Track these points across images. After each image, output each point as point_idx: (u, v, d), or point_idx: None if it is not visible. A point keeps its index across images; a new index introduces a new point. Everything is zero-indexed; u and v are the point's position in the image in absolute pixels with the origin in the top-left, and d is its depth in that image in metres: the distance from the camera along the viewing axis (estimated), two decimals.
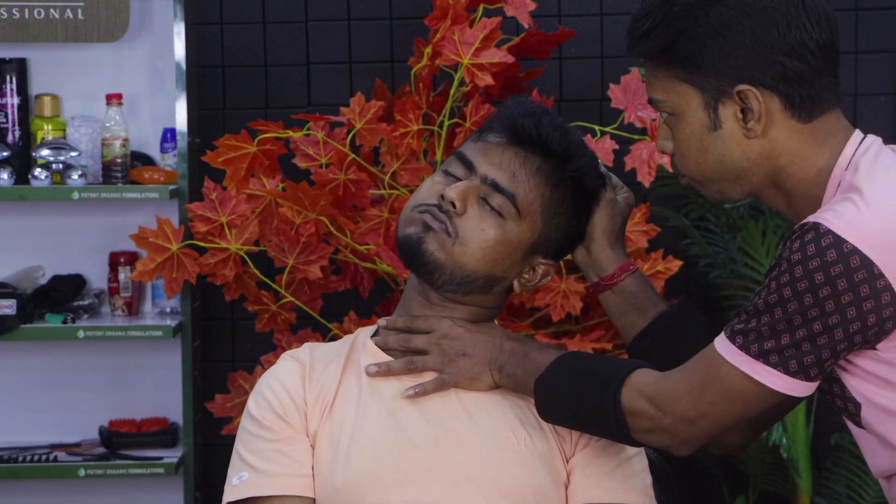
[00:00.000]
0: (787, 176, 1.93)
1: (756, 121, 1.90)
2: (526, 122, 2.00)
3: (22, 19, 3.84)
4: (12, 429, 3.99)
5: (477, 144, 2.03)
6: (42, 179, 3.75)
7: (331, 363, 2.03)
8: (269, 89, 4.00)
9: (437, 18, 3.31)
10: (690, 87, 1.91)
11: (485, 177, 1.99)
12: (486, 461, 1.94)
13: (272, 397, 2.00)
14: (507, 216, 1.98)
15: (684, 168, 1.97)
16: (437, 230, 1.97)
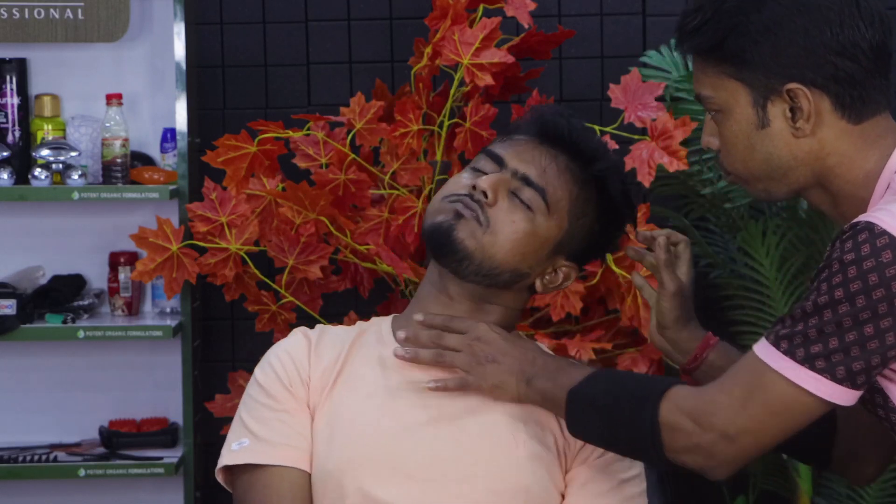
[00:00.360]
0: (834, 177, 1.90)
1: (805, 120, 1.88)
2: (557, 120, 2.04)
3: (22, 19, 3.84)
4: (12, 429, 3.99)
5: (505, 142, 2.06)
6: (42, 179, 3.75)
7: (337, 344, 2.04)
8: (269, 89, 4.00)
9: (437, 18, 3.31)
10: (739, 84, 1.89)
11: (515, 171, 2.01)
12: (483, 461, 1.94)
13: (279, 367, 2.01)
14: (537, 210, 2.00)
15: (730, 166, 1.95)
16: (469, 217, 1.97)
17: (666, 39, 3.80)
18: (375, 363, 2.01)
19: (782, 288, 3.61)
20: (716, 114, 1.93)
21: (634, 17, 3.96)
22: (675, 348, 2.12)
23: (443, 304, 2.03)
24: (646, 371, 3.40)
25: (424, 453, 1.94)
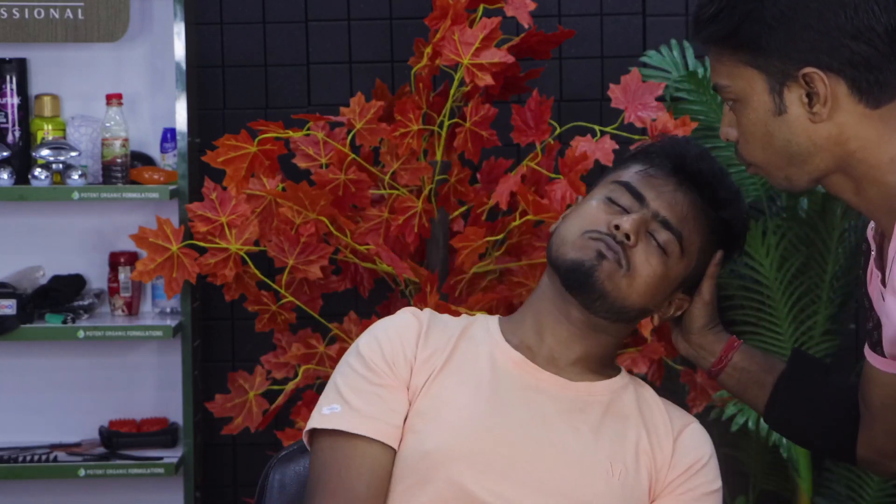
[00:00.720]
0: (857, 162, 1.88)
1: (822, 104, 1.86)
2: (700, 165, 2.04)
3: (22, 19, 3.84)
4: (12, 429, 3.99)
5: (643, 177, 2.03)
6: (42, 179, 3.75)
7: (447, 331, 2.04)
8: (269, 89, 4.00)
9: (437, 18, 3.31)
10: (755, 71, 1.88)
11: (656, 213, 1.99)
12: (577, 482, 1.94)
13: (386, 342, 2.00)
14: (671, 254, 2.00)
15: (749, 155, 1.94)
16: (611, 259, 1.96)
17: (666, 39, 3.80)
18: (486, 359, 2.01)
19: (782, 288, 3.61)
20: (733, 103, 1.92)
21: (634, 17, 3.96)
22: (699, 352, 2.14)
23: (560, 323, 2.03)
24: (645, 371, 3.40)
25: (522, 458, 1.94)
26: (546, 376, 2.01)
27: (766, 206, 3.66)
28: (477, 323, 2.08)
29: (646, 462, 2.00)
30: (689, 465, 2.01)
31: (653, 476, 2.00)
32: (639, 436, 2.01)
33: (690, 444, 2.03)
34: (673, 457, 2.01)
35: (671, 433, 2.03)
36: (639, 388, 2.08)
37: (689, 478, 2.01)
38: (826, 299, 3.67)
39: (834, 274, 3.67)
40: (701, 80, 3.64)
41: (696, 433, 2.05)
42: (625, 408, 2.03)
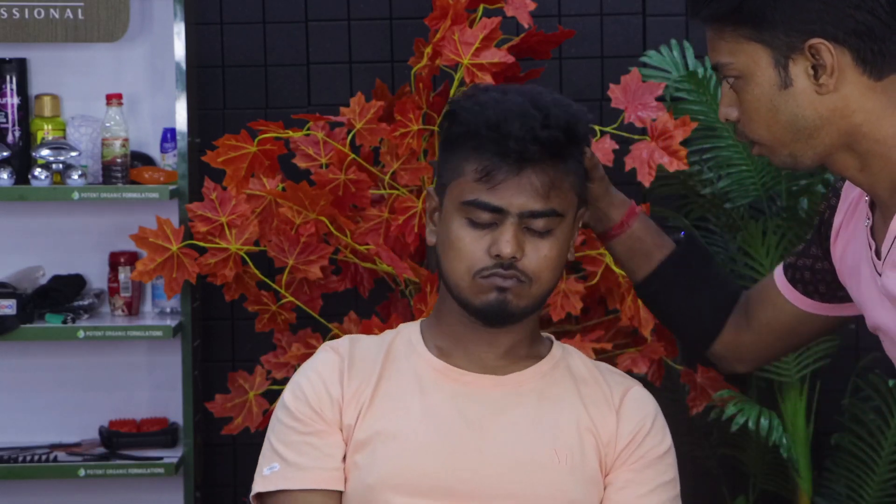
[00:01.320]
0: (862, 136, 1.88)
1: (829, 75, 1.86)
2: (522, 144, 1.94)
3: (22, 19, 3.84)
4: (12, 429, 3.99)
5: (486, 182, 1.95)
6: (42, 179, 3.75)
7: (371, 357, 2.03)
8: (269, 89, 4.00)
9: (438, 18, 3.31)
10: (759, 45, 1.87)
11: (521, 213, 1.96)
12: (525, 480, 1.93)
13: (308, 389, 2.01)
14: (555, 228, 1.98)
15: (753, 133, 1.92)
16: (512, 284, 1.95)
17: (666, 39, 3.80)
18: (412, 377, 2.01)
19: None
20: (735, 80, 1.90)
21: (634, 17, 3.96)
22: (602, 218, 2.19)
23: (477, 332, 2.01)
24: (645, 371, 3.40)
25: (465, 472, 1.94)
26: (473, 378, 2.00)
27: (766, 206, 3.65)
28: (400, 336, 2.07)
29: (590, 440, 1.99)
30: (635, 433, 2.00)
31: (601, 452, 1.99)
32: (578, 415, 2.00)
33: (633, 412, 2.02)
34: (618, 428, 2.00)
35: (612, 405, 2.02)
36: (570, 360, 2.06)
37: (637, 446, 2.00)
38: None
39: None
40: (701, 80, 3.64)
41: (636, 399, 2.04)
42: (559, 389, 2.02)
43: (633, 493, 1.98)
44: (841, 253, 2.07)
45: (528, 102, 1.96)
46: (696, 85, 3.63)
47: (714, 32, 1.91)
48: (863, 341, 3.95)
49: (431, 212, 2.03)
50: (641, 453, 1.99)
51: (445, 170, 2.01)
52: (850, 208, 2.07)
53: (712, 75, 3.68)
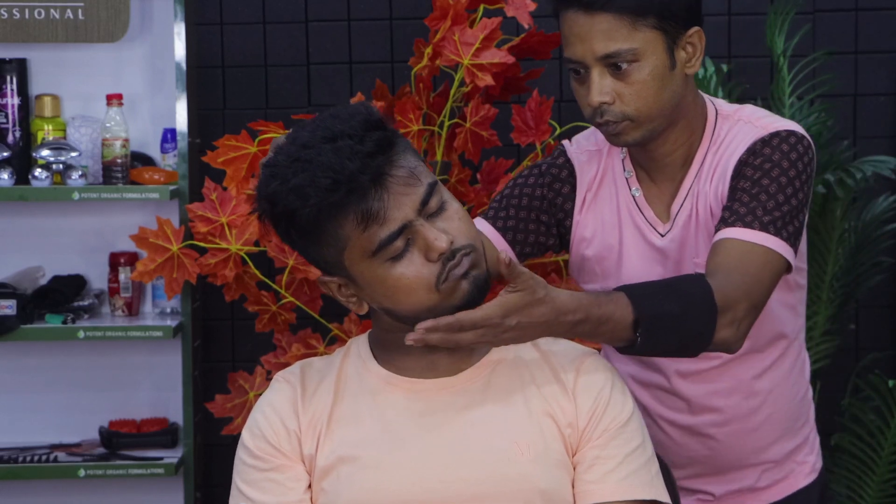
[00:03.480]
0: (684, 111, 2.25)
1: (698, 59, 2.22)
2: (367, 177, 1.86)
3: (22, 19, 3.84)
4: (12, 429, 3.99)
5: (377, 226, 1.88)
6: (42, 179, 3.75)
7: (324, 381, 2.01)
8: (270, 89, 4.00)
9: (438, 19, 3.31)
10: (659, 32, 2.17)
11: (417, 211, 1.89)
12: (492, 475, 1.92)
13: (265, 425, 2.00)
14: (439, 193, 1.93)
15: (636, 109, 2.18)
16: (469, 263, 1.90)
17: None
18: (366, 394, 1.99)
19: None
20: (628, 65, 2.16)
21: None
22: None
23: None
24: None
25: (430, 482, 1.92)
26: (425, 385, 1.98)
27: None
28: (349, 353, 2.05)
29: (550, 425, 1.96)
30: (594, 408, 1.97)
31: (563, 434, 1.96)
32: (534, 401, 1.97)
33: (588, 386, 1.98)
34: (576, 407, 1.97)
35: (565, 384, 1.98)
36: (518, 345, 2.02)
37: (598, 420, 1.97)
38: (826, 299, 3.67)
39: (834, 274, 3.68)
40: (701, 80, 3.64)
41: (589, 372, 2.00)
42: (511, 378, 1.99)
43: (602, 469, 1.95)
44: (590, 221, 2.36)
45: (323, 144, 1.87)
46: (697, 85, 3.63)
47: (612, 22, 2.15)
48: (863, 342, 3.96)
49: (337, 290, 1.99)
50: (604, 426, 1.96)
51: (323, 255, 1.94)
52: (593, 185, 2.37)
53: (712, 75, 3.68)
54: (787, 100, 3.73)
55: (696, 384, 2.35)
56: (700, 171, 2.28)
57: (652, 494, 1.96)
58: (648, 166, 2.32)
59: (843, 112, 3.91)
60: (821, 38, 3.92)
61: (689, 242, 2.27)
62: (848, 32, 3.94)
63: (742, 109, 2.31)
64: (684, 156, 2.29)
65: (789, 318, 2.35)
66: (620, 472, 1.95)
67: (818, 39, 3.91)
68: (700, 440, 2.38)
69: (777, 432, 2.38)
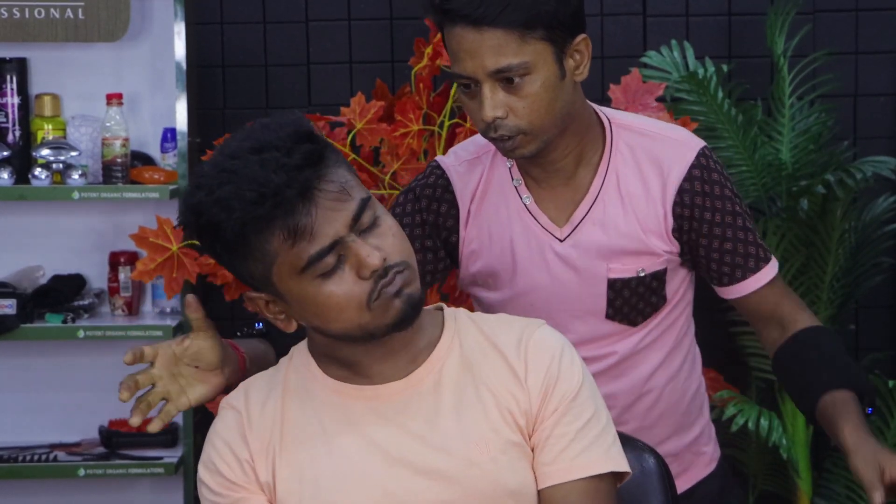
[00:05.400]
0: (575, 118, 2.24)
1: (586, 65, 2.22)
2: (292, 191, 1.79)
3: (22, 19, 3.84)
4: (12, 428, 3.99)
5: (305, 241, 1.82)
6: (42, 179, 3.75)
7: (268, 399, 1.95)
8: (270, 89, 4.00)
9: None
10: (547, 43, 2.16)
11: (348, 226, 1.83)
12: (457, 480, 1.87)
13: (217, 458, 1.93)
14: (365, 201, 1.88)
15: (530, 122, 2.17)
16: (402, 281, 1.85)
17: (666, 40, 3.80)
18: (314, 409, 1.93)
19: None
20: (521, 78, 2.15)
21: (634, 17, 3.96)
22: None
23: (377, 347, 1.91)
24: None
25: (398, 493, 1.88)
26: (373, 392, 1.92)
27: (766, 206, 3.66)
28: (292, 365, 1.98)
29: (506, 416, 1.90)
30: (544, 390, 1.91)
31: (519, 422, 1.90)
32: (485, 394, 1.91)
33: (536, 368, 1.91)
34: (528, 390, 1.91)
35: (513, 369, 1.92)
36: (463, 335, 1.96)
37: (549, 397, 1.91)
38: (826, 300, 3.67)
39: (834, 275, 3.68)
40: (701, 80, 3.64)
41: (536, 349, 1.93)
42: (459, 373, 1.93)
43: (555, 449, 1.89)
44: (476, 235, 2.34)
45: (250, 155, 1.82)
46: (697, 85, 3.63)
47: (500, 37, 2.14)
48: (862, 342, 3.96)
49: (265, 307, 1.92)
50: (554, 405, 1.90)
51: (250, 270, 1.87)
52: (476, 196, 2.34)
53: (713, 76, 3.68)
54: (787, 100, 3.73)
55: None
56: (605, 181, 2.29)
57: (609, 467, 1.90)
58: (537, 174, 2.31)
59: (844, 112, 3.91)
60: (821, 38, 3.92)
61: (596, 250, 2.29)
62: (848, 33, 3.94)
63: (632, 119, 2.35)
64: (575, 161, 2.29)
65: (685, 314, 2.40)
66: (574, 449, 1.89)
67: (818, 39, 3.91)
68: None
69: (672, 427, 2.41)
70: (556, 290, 2.31)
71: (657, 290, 2.31)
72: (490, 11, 2.13)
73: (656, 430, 2.39)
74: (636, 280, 2.29)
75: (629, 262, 2.29)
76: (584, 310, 2.32)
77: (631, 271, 2.29)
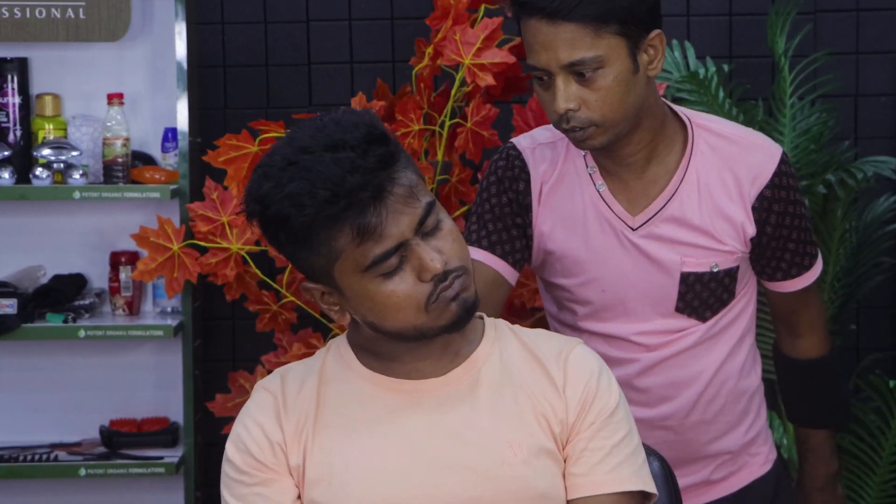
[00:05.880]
0: (648, 112, 2.30)
1: (660, 60, 2.27)
2: (367, 192, 1.82)
3: (23, 18, 3.85)
4: (13, 428, 3.99)
5: (373, 241, 1.85)
6: (43, 179, 3.75)
7: (305, 386, 1.97)
8: (271, 89, 4.00)
9: (439, 18, 3.31)
10: (621, 38, 2.21)
11: (414, 230, 1.86)
12: (486, 478, 1.90)
13: (248, 439, 1.95)
14: (435, 205, 1.90)
15: (602, 115, 2.22)
16: (460, 286, 1.89)
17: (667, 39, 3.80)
18: (351, 399, 1.95)
19: None
20: (593, 72, 2.20)
21: None
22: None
23: (419, 347, 1.94)
24: None
25: (427, 486, 1.90)
26: (415, 386, 1.95)
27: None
28: (330, 355, 2.00)
29: (541, 423, 1.94)
30: (583, 402, 1.94)
31: (553, 431, 1.94)
32: (523, 399, 1.94)
33: (576, 380, 1.95)
34: (566, 402, 1.95)
35: (553, 380, 1.96)
36: (505, 341, 2.00)
37: (586, 412, 1.95)
38: (827, 300, 3.67)
39: (835, 275, 3.68)
40: (702, 80, 3.64)
41: (576, 365, 1.97)
42: (499, 376, 1.96)
43: (590, 461, 1.93)
44: (548, 216, 2.40)
45: (324, 152, 1.83)
46: (698, 85, 3.64)
47: (578, 30, 2.19)
48: (863, 342, 3.96)
49: (320, 297, 1.94)
50: (591, 419, 1.94)
51: (312, 262, 1.89)
52: (550, 178, 2.40)
53: (713, 75, 3.68)
54: (787, 100, 3.73)
55: (656, 376, 2.41)
56: (685, 179, 2.34)
57: (639, 485, 1.94)
58: (609, 165, 2.37)
59: (845, 112, 3.91)
60: (822, 38, 3.92)
61: (669, 243, 2.36)
62: (849, 33, 3.94)
63: (711, 120, 2.40)
64: (647, 157, 2.34)
65: (750, 311, 2.47)
66: (608, 464, 1.93)
67: (819, 39, 3.91)
68: (657, 433, 2.43)
69: (731, 423, 2.47)
70: (627, 277, 2.37)
71: (728, 287, 2.38)
72: (565, 5, 2.18)
73: (715, 426, 2.45)
74: (709, 275, 2.36)
75: (703, 258, 2.35)
76: (653, 299, 2.38)
77: (704, 266, 2.35)
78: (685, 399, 2.42)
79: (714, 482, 2.49)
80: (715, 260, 2.35)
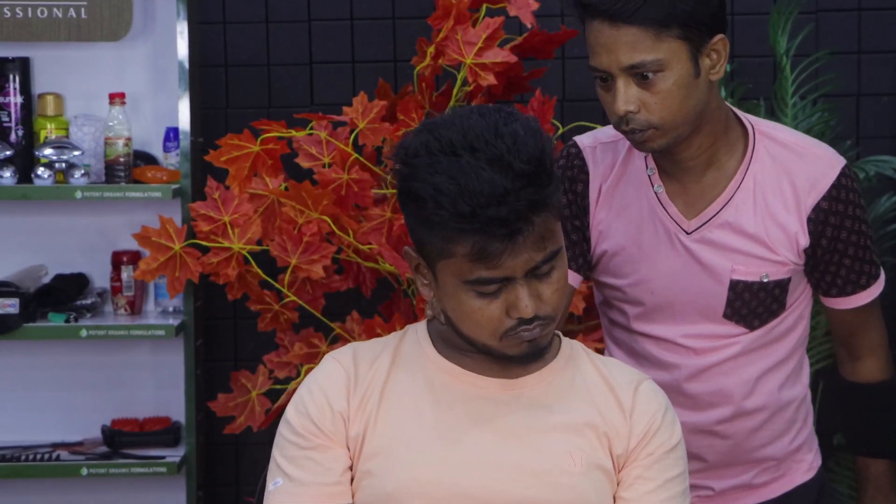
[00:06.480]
0: (710, 116, 2.29)
1: (722, 65, 2.25)
2: (507, 225, 1.84)
3: (25, 18, 3.85)
4: (15, 427, 3.99)
5: (482, 258, 1.87)
6: (45, 178, 3.75)
7: (377, 363, 2.00)
8: (272, 88, 4.00)
9: (440, 18, 3.31)
10: (683, 41, 2.20)
11: (525, 272, 1.88)
12: (543, 481, 1.93)
13: (311, 403, 1.98)
14: (558, 260, 1.92)
15: (662, 118, 2.22)
16: (539, 334, 1.91)
17: None
18: (422, 381, 1.98)
19: None
20: (653, 75, 2.20)
21: None
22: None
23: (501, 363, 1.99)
24: None
25: (482, 478, 1.92)
26: (485, 382, 1.98)
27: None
28: (407, 338, 2.04)
29: (603, 441, 1.98)
30: (646, 431, 1.99)
31: (613, 452, 1.98)
32: (590, 416, 1.98)
33: (643, 409, 2.00)
34: (630, 427, 1.99)
35: (622, 404, 2.00)
36: (578, 360, 2.04)
37: (647, 443, 1.99)
38: None
39: None
40: None
41: (646, 396, 2.01)
42: (570, 391, 2.00)
43: (642, 489, 1.97)
44: (605, 216, 2.41)
45: (488, 164, 1.83)
46: None
47: (640, 33, 2.19)
48: None
49: (415, 269, 1.99)
50: (651, 450, 1.99)
51: (423, 239, 1.94)
52: (609, 177, 2.41)
53: None
54: (789, 99, 3.73)
55: (704, 382, 2.41)
56: (742, 186, 2.34)
57: None
58: (668, 167, 2.37)
59: (846, 112, 3.91)
60: (824, 37, 3.92)
61: (721, 249, 2.35)
62: (851, 32, 3.94)
63: (775, 129, 2.39)
64: (706, 162, 2.34)
65: (802, 323, 2.46)
66: (658, 495, 1.98)
67: (821, 39, 3.91)
68: (704, 437, 2.43)
69: (778, 432, 2.45)
70: (678, 280, 2.37)
71: (778, 298, 2.37)
72: (627, 8, 2.19)
73: (761, 434, 2.45)
74: (758, 285, 2.35)
75: (754, 267, 2.34)
76: (702, 304, 2.38)
77: (755, 275, 2.34)
78: (732, 406, 2.42)
79: (756, 486, 2.49)
80: (766, 270, 2.34)
